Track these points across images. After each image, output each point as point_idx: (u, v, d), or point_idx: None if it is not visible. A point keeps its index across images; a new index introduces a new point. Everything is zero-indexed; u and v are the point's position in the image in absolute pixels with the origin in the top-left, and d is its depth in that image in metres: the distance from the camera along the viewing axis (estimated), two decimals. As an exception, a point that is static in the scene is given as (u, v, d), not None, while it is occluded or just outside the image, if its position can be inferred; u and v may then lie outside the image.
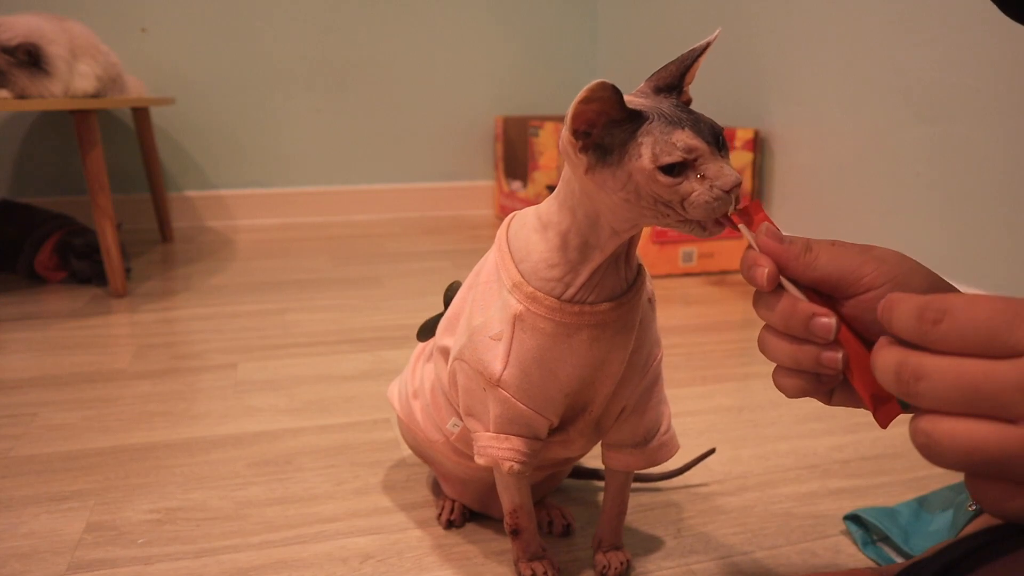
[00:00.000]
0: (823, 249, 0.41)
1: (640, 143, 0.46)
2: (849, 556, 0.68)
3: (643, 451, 0.61)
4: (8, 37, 1.39)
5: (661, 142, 0.45)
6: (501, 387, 0.56)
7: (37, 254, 1.59)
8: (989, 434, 0.28)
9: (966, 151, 1.23)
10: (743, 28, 1.75)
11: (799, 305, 0.41)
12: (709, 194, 0.45)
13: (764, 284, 0.42)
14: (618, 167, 0.46)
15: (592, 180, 0.48)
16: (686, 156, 0.45)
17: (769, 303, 0.43)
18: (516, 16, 2.35)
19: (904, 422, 1.03)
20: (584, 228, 0.52)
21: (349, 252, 1.91)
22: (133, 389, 1.05)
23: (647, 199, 0.47)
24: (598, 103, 0.45)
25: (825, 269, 0.41)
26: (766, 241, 0.42)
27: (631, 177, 0.46)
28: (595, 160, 0.47)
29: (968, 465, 0.28)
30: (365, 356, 1.18)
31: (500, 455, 0.57)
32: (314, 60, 2.22)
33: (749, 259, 0.43)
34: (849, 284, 0.41)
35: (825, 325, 0.40)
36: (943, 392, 0.29)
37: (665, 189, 0.45)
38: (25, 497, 0.77)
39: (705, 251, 1.69)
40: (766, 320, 0.43)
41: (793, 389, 0.43)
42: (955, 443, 0.28)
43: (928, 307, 0.30)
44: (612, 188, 0.47)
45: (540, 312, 0.54)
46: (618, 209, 0.49)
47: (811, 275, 0.41)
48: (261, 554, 0.68)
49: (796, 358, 0.41)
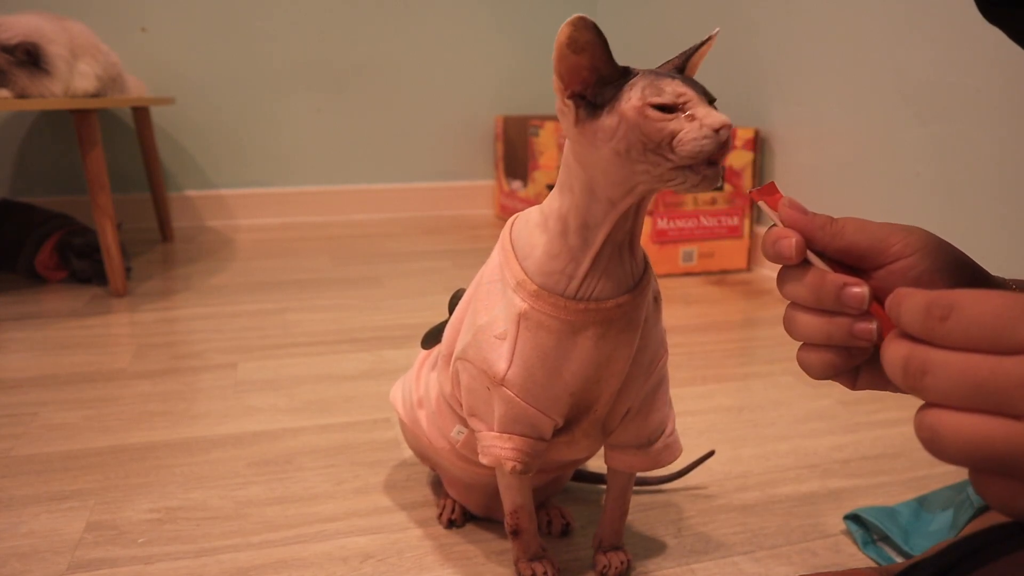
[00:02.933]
0: (848, 220, 0.41)
1: (631, 87, 0.48)
2: (849, 556, 0.68)
3: (647, 453, 0.61)
4: (8, 36, 1.39)
5: (651, 86, 0.47)
6: (505, 386, 0.56)
7: (37, 254, 1.59)
8: (994, 429, 0.27)
9: (966, 151, 1.23)
10: (743, 28, 1.75)
11: (828, 276, 0.39)
12: (698, 132, 0.46)
13: (793, 255, 0.40)
14: (609, 113, 0.48)
15: (582, 133, 0.49)
16: (675, 99, 0.47)
17: (796, 277, 0.41)
18: (516, 16, 2.35)
19: (906, 421, 1.02)
20: (582, 205, 0.52)
21: (349, 252, 1.91)
22: (133, 389, 1.05)
23: (637, 147, 0.47)
24: (588, 52, 0.47)
25: (853, 238, 0.40)
26: (791, 212, 0.41)
27: (622, 119, 0.47)
28: (586, 115, 0.49)
29: (972, 460, 0.28)
30: (365, 356, 1.18)
31: (503, 454, 0.57)
32: (314, 60, 2.22)
33: (773, 234, 0.41)
34: (878, 253, 0.40)
35: (858, 295, 0.38)
36: (949, 387, 0.29)
37: (655, 127, 0.46)
38: (25, 496, 0.77)
39: (705, 251, 1.69)
40: (793, 296, 0.42)
41: (821, 366, 0.41)
42: (959, 438, 0.28)
43: (935, 303, 0.30)
44: (603, 139, 0.48)
45: (544, 310, 0.54)
46: (610, 168, 0.49)
47: (838, 244, 0.40)
48: (261, 553, 0.68)
49: (827, 332, 0.40)
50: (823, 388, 1.06)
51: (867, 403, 1.01)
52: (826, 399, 1.02)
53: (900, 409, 0.99)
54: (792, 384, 1.07)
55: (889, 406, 1.00)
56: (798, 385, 1.07)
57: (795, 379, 1.09)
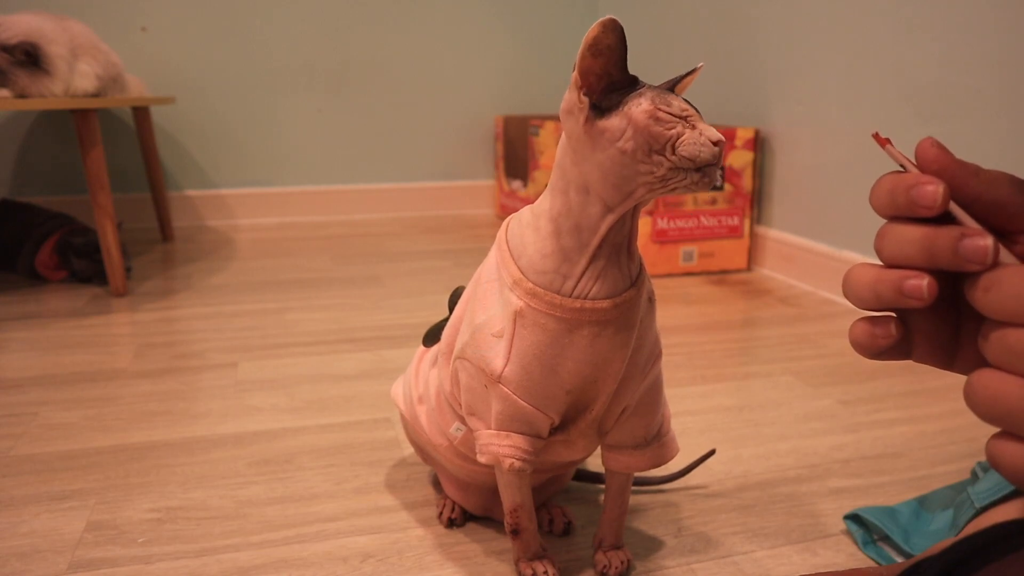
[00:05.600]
0: (1000, 172, 0.35)
1: (640, 95, 0.50)
2: (849, 556, 0.68)
3: (643, 452, 0.62)
4: (8, 36, 1.39)
5: (660, 97, 0.50)
6: (502, 384, 0.56)
7: (37, 253, 1.59)
8: (1013, 388, 0.30)
9: (966, 151, 1.23)
10: (744, 28, 1.75)
11: (943, 230, 0.33)
12: (698, 138, 0.49)
13: (937, 202, 0.33)
14: (616, 116, 0.50)
15: (588, 133, 0.51)
16: (681, 112, 0.50)
17: (905, 234, 0.34)
18: (516, 16, 2.35)
19: (906, 421, 1.02)
20: (576, 209, 0.53)
21: (349, 251, 1.91)
22: (133, 388, 1.05)
23: (643, 148, 0.49)
24: (604, 57, 0.49)
25: (1008, 191, 0.34)
26: (938, 153, 0.34)
27: (631, 121, 0.49)
28: (593, 115, 0.51)
29: (989, 414, 0.31)
30: (365, 355, 1.18)
31: (501, 452, 0.58)
32: (314, 60, 2.22)
33: (910, 179, 0.34)
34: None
35: (981, 248, 0.32)
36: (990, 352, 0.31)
37: (661, 130, 0.49)
38: (25, 496, 0.77)
39: (705, 251, 1.69)
40: (896, 255, 0.34)
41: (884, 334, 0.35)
42: (984, 391, 0.31)
43: (983, 275, 0.32)
44: (609, 139, 0.50)
45: (540, 308, 0.54)
46: (612, 169, 0.50)
47: (992, 196, 0.34)
48: (261, 553, 0.68)
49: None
50: (823, 388, 1.06)
51: (867, 403, 1.01)
52: (826, 399, 1.02)
53: (900, 409, 0.99)
54: (792, 384, 1.07)
55: (889, 406, 1.00)
56: (798, 385, 1.07)
57: (795, 379, 1.09)
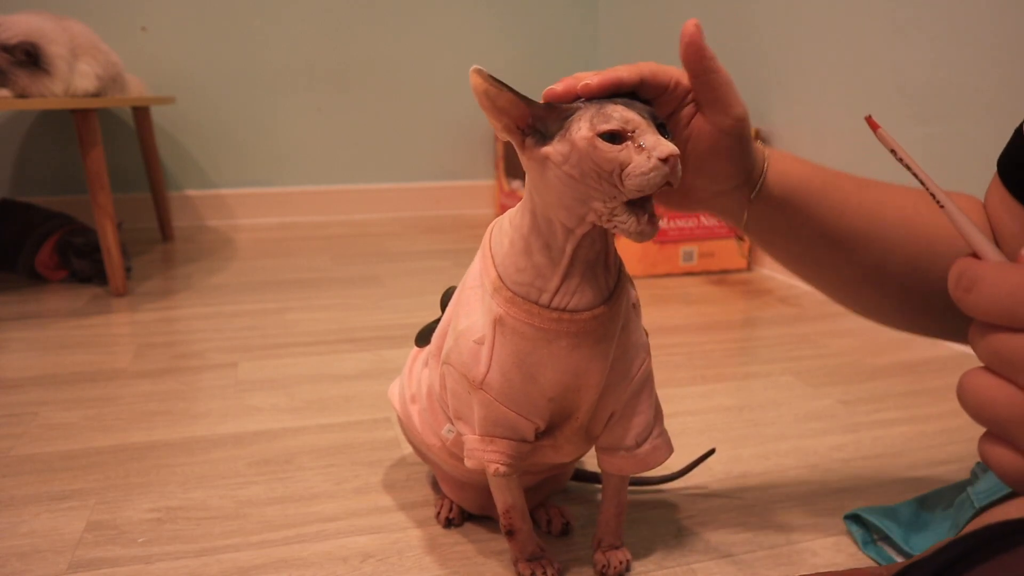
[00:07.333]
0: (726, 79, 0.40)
1: (579, 117, 0.49)
2: (849, 556, 0.68)
3: (634, 455, 0.61)
4: (8, 36, 1.39)
5: (598, 115, 0.48)
6: (484, 389, 0.57)
7: (37, 253, 1.59)
8: (1000, 395, 0.29)
9: (966, 151, 1.23)
10: (744, 27, 1.75)
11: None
12: (647, 164, 0.47)
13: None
14: (561, 139, 0.49)
15: (532, 159, 0.51)
16: (623, 126, 0.48)
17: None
18: (516, 16, 2.35)
19: (904, 422, 1.02)
20: (543, 229, 0.53)
21: (349, 251, 1.91)
22: (133, 388, 1.05)
23: (590, 174, 0.48)
24: (491, 98, 0.48)
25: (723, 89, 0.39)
26: (694, 33, 0.40)
27: (574, 147, 0.48)
28: (534, 142, 0.50)
29: (978, 417, 0.30)
30: (365, 355, 1.18)
31: (486, 457, 0.58)
32: (314, 59, 2.22)
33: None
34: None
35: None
36: (980, 354, 0.31)
37: (604, 157, 0.47)
38: (25, 496, 0.77)
39: (705, 250, 1.69)
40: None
41: None
42: (974, 395, 0.30)
43: (963, 274, 0.31)
44: (555, 162, 0.49)
45: (519, 317, 0.55)
46: (563, 193, 0.50)
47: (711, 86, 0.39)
48: (261, 553, 0.68)
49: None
50: (823, 388, 1.06)
51: (867, 403, 1.01)
52: (826, 399, 1.02)
53: (900, 409, 0.99)
54: (792, 384, 1.07)
55: (889, 406, 1.00)
56: (798, 385, 1.07)
57: (795, 379, 1.09)
